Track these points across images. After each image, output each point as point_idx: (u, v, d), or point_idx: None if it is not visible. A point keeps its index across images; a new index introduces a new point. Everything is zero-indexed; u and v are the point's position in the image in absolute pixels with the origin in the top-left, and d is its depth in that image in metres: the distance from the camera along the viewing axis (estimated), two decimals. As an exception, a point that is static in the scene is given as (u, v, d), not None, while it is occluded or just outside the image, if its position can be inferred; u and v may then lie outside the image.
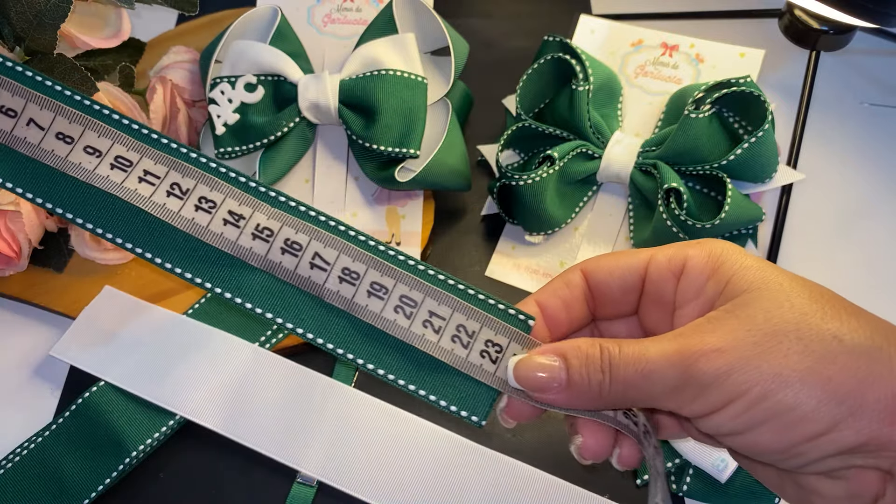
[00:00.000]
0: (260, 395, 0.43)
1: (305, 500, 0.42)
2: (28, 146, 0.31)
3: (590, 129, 0.49)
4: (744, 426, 0.24)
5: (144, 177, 0.31)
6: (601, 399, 0.26)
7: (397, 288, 0.29)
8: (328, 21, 0.53)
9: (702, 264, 0.26)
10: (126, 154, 0.31)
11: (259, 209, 0.30)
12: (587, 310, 0.29)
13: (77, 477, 0.41)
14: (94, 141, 0.31)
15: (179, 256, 0.30)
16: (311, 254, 0.30)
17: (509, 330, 0.28)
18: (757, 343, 0.23)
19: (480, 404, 0.28)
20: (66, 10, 0.44)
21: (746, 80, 0.47)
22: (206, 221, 0.30)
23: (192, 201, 0.30)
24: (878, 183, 0.55)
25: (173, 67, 0.52)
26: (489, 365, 0.28)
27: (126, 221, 0.30)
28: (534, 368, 0.27)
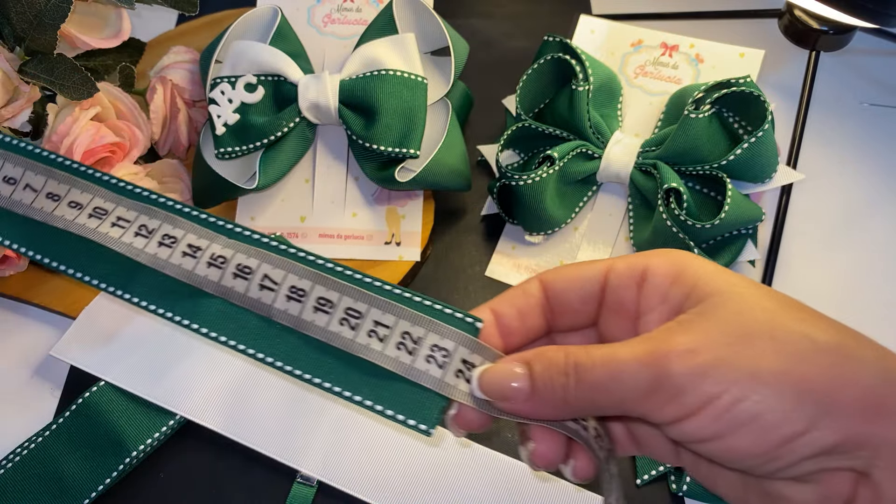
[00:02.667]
0: (260, 394, 0.43)
1: (305, 500, 0.42)
2: (21, 206, 0.36)
3: (590, 129, 0.49)
4: (721, 430, 0.23)
5: (117, 222, 0.34)
6: (567, 405, 0.25)
7: (343, 301, 0.30)
8: (328, 21, 0.53)
9: (664, 270, 0.26)
10: (103, 205, 0.35)
11: (215, 240, 0.33)
12: (543, 321, 0.28)
13: (77, 477, 0.41)
14: (77, 196, 0.35)
15: (143, 290, 0.33)
16: (260, 276, 0.31)
17: (456, 334, 0.28)
18: (731, 344, 0.23)
19: (429, 412, 0.28)
20: (67, 10, 0.44)
21: (746, 81, 0.47)
22: (167, 255, 0.33)
23: (156, 239, 0.33)
24: (878, 183, 0.55)
25: (173, 67, 0.52)
26: (436, 370, 0.28)
27: (96, 261, 0.34)
28: (498, 377, 0.26)
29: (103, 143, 0.46)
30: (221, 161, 0.49)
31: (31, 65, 0.46)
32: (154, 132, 0.50)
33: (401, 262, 0.50)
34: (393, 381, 0.28)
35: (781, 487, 0.24)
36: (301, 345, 0.30)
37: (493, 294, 0.51)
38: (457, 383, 0.27)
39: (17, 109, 0.46)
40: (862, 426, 0.22)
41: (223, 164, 0.50)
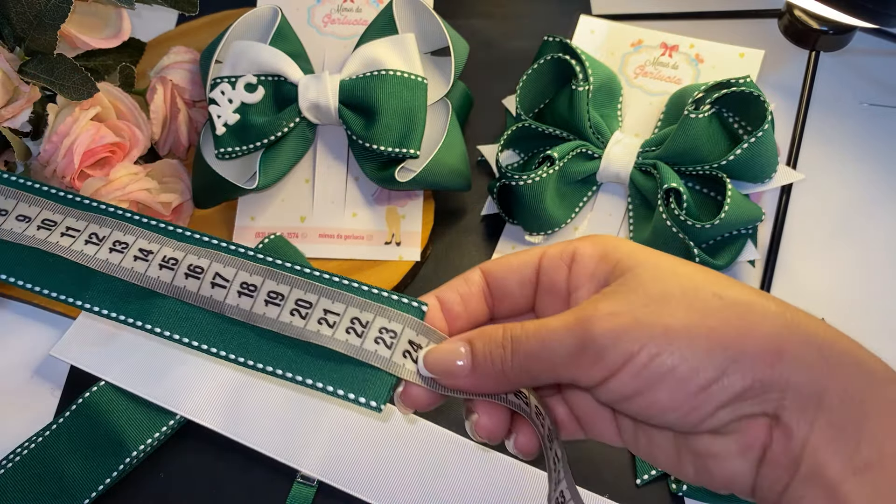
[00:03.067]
0: (260, 394, 0.43)
1: (305, 500, 0.42)
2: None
3: (590, 129, 0.49)
4: (641, 386, 0.24)
5: (66, 231, 0.35)
6: (505, 377, 0.27)
7: (293, 293, 0.31)
8: (328, 21, 0.53)
9: (591, 251, 0.28)
10: (52, 216, 0.36)
11: (166, 244, 0.34)
12: (485, 306, 0.30)
13: (77, 477, 0.41)
14: (25, 210, 0.37)
15: (96, 296, 0.34)
16: (211, 274, 0.33)
17: (403, 317, 0.30)
18: (647, 305, 0.25)
19: (378, 390, 0.29)
20: (67, 10, 0.44)
21: (746, 81, 0.47)
22: (119, 260, 0.34)
23: (107, 245, 0.34)
24: (878, 183, 0.55)
25: (174, 68, 0.52)
26: (384, 350, 0.29)
27: (48, 272, 0.35)
28: (442, 355, 0.28)
29: (103, 143, 0.46)
30: (221, 161, 0.49)
31: (31, 65, 0.46)
32: (154, 132, 0.50)
33: (401, 262, 0.50)
34: (343, 364, 0.30)
35: (707, 444, 0.25)
36: (253, 337, 0.31)
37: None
38: (404, 363, 0.29)
39: (17, 110, 0.46)
40: (766, 370, 0.24)
41: (223, 164, 0.50)
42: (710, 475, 0.26)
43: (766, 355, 0.24)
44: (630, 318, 0.25)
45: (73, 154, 0.45)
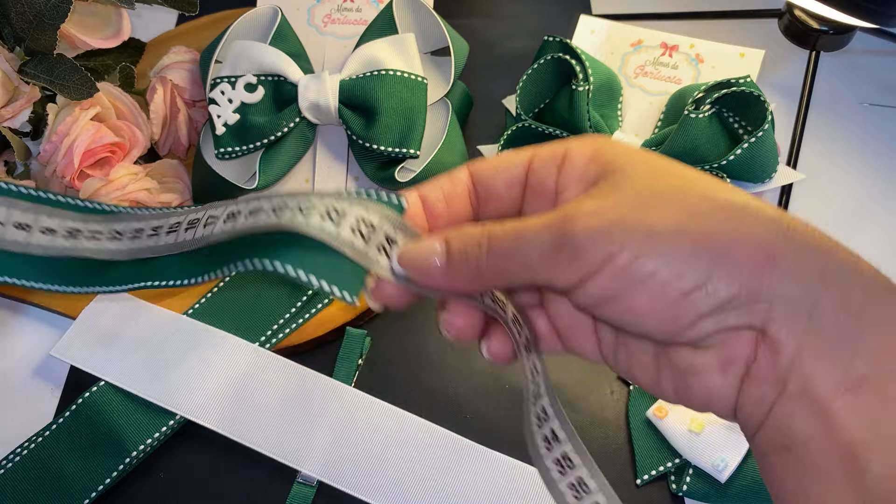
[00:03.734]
0: (260, 395, 0.43)
1: (305, 500, 0.42)
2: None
3: (590, 129, 0.49)
4: (620, 289, 0.23)
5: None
6: (480, 276, 0.26)
7: (267, 203, 0.30)
8: (328, 21, 0.53)
9: (583, 151, 0.26)
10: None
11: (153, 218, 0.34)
12: (469, 206, 0.29)
13: (77, 477, 0.41)
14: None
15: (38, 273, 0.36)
16: (206, 218, 0.32)
17: (381, 210, 0.28)
18: (633, 206, 0.23)
19: (351, 282, 0.28)
20: (66, 10, 0.44)
21: (746, 81, 0.47)
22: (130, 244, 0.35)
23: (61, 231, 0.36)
24: (879, 182, 0.55)
25: (173, 67, 0.52)
26: (360, 242, 0.28)
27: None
28: (417, 253, 0.27)
29: (103, 143, 0.46)
30: (221, 161, 0.49)
31: (30, 65, 0.46)
32: (154, 132, 0.50)
33: (401, 262, 0.50)
34: (317, 254, 0.28)
35: (687, 357, 0.24)
36: (225, 244, 0.31)
37: (493, 294, 0.51)
38: (378, 258, 0.28)
39: (16, 109, 0.46)
40: (756, 279, 0.22)
41: (223, 163, 0.50)
42: (688, 392, 0.25)
43: (756, 262, 0.22)
44: (613, 217, 0.23)
45: (72, 154, 0.45)
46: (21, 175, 0.50)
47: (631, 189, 0.24)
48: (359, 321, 0.49)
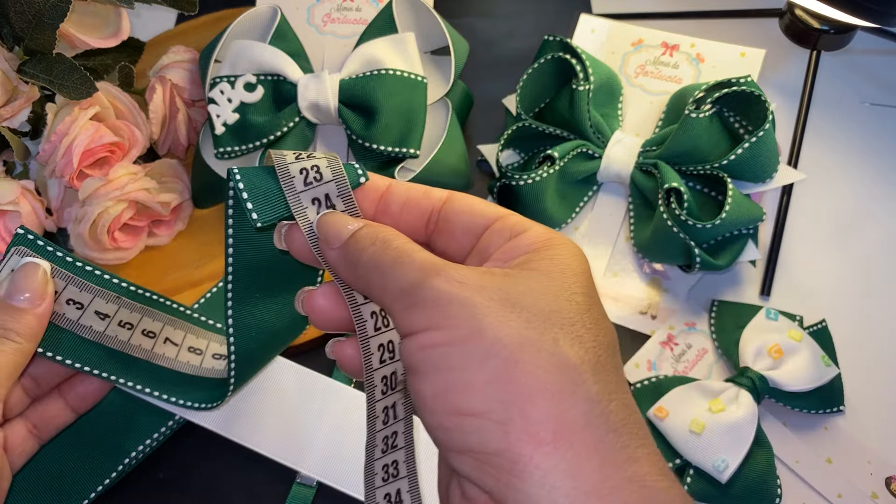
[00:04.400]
0: (259, 395, 0.43)
1: (305, 501, 0.42)
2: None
3: (590, 128, 0.49)
4: (425, 362, 0.22)
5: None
6: (355, 271, 0.26)
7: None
8: (328, 20, 0.53)
9: (535, 237, 0.25)
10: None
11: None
12: (423, 225, 0.28)
13: (77, 477, 0.41)
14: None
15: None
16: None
17: (338, 172, 0.28)
18: (498, 298, 0.22)
19: (273, 214, 0.28)
20: (66, 9, 0.44)
21: (747, 80, 0.47)
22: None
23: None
24: (879, 182, 0.55)
25: (173, 67, 0.52)
26: (300, 184, 0.28)
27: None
28: (336, 220, 0.27)
29: (102, 142, 0.46)
30: (221, 160, 0.49)
31: (29, 64, 0.45)
32: (153, 132, 0.50)
33: (401, 262, 0.50)
34: (261, 174, 0.28)
35: (456, 483, 0.23)
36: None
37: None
38: (309, 206, 0.28)
39: (15, 109, 0.46)
40: (530, 447, 0.21)
41: (222, 163, 0.50)
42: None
43: (540, 436, 0.21)
44: (469, 294, 0.22)
45: (71, 154, 0.45)
46: (20, 175, 0.50)
47: (514, 283, 0.23)
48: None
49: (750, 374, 0.43)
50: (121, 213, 0.47)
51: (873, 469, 0.43)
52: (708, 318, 0.48)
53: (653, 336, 0.48)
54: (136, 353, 0.37)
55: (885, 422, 0.45)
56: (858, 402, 0.46)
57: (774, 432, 0.44)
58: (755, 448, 0.42)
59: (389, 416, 0.28)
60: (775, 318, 0.46)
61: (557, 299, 0.23)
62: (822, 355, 0.44)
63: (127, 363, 0.38)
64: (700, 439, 0.41)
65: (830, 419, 0.45)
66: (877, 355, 0.48)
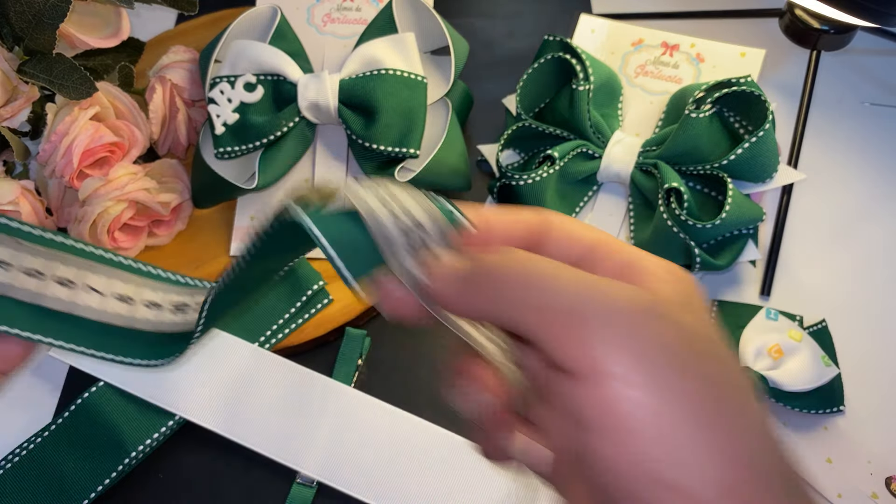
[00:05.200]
0: (259, 395, 0.43)
1: (305, 501, 0.42)
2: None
3: (590, 128, 0.49)
4: (613, 420, 0.19)
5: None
6: (482, 291, 0.22)
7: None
8: (328, 20, 0.53)
9: (660, 281, 0.22)
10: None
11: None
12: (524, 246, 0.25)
13: (77, 477, 0.41)
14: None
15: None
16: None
17: (436, 214, 0.26)
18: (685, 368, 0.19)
19: (364, 264, 0.25)
20: (65, 9, 0.44)
21: (747, 80, 0.47)
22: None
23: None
24: (879, 182, 0.55)
25: (173, 67, 0.52)
26: (391, 225, 0.25)
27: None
28: (445, 262, 0.24)
29: (102, 142, 0.46)
30: (221, 161, 0.49)
31: (29, 64, 0.46)
32: (153, 132, 0.50)
33: (401, 262, 0.50)
34: (342, 221, 0.25)
35: None
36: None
37: (494, 294, 0.50)
38: (406, 255, 0.25)
39: (15, 109, 0.46)
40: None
41: (222, 163, 0.50)
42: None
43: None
44: (674, 341, 0.19)
45: (71, 154, 0.45)
46: (20, 175, 0.50)
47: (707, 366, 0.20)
48: (359, 321, 0.49)
49: (750, 375, 0.43)
50: (121, 213, 0.47)
51: (873, 469, 0.43)
52: (708, 318, 0.48)
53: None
54: (52, 305, 0.33)
55: (885, 422, 0.45)
56: (858, 403, 0.46)
57: (774, 432, 0.44)
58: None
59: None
60: (775, 318, 0.46)
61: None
62: (822, 355, 0.44)
63: (42, 317, 0.34)
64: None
65: (830, 419, 0.45)
66: (877, 355, 0.48)
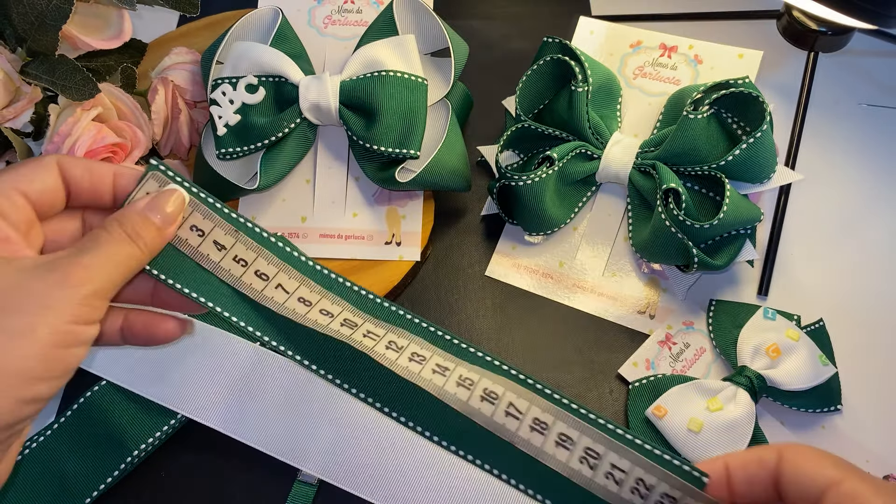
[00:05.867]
0: (261, 393, 0.43)
1: (306, 499, 0.42)
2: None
3: (589, 129, 0.50)
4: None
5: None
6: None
7: (582, 440, 0.33)
8: (329, 22, 0.54)
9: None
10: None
11: (460, 365, 0.35)
12: (773, 492, 0.28)
13: (78, 476, 0.42)
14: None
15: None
16: (506, 403, 0.34)
17: (685, 486, 0.30)
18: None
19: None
20: (68, 11, 0.44)
21: (745, 81, 0.48)
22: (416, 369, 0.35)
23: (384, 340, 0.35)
24: (877, 183, 0.55)
25: (175, 68, 0.52)
26: (613, 486, 0.31)
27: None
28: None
29: (105, 143, 0.46)
30: (223, 161, 0.50)
31: (32, 66, 0.46)
32: (155, 133, 0.51)
33: (401, 262, 0.50)
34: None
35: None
36: (545, 475, 0.33)
37: (493, 293, 0.51)
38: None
39: (18, 110, 0.47)
40: None
41: (224, 164, 0.50)
42: None
43: None
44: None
45: (74, 154, 0.46)
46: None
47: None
48: (359, 321, 0.49)
49: (748, 373, 0.43)
50: (123, 213, 0.47)
51: (871, 468, 0.44)
52: (706, 317, 0.48)
53: (651, 335, 0.48)
54: (245, 291, 0.36)
55: (882, 421, 0.45)
56: (856, 402, 0.46)
57: (772, 431, 0.44)
58: (753, 446, 0.42)
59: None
60: (773, 318, 0.46)
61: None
62: (819, 354, 0.45)
63: (235, 300, 0.37)
64: (698, 438, 0.42)
65: (828, 418, 0.45)
66: (874, 355, 0.48)
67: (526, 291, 0.51)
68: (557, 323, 0.50)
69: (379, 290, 0.49)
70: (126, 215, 0.33)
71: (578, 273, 0.51)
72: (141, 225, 0.33)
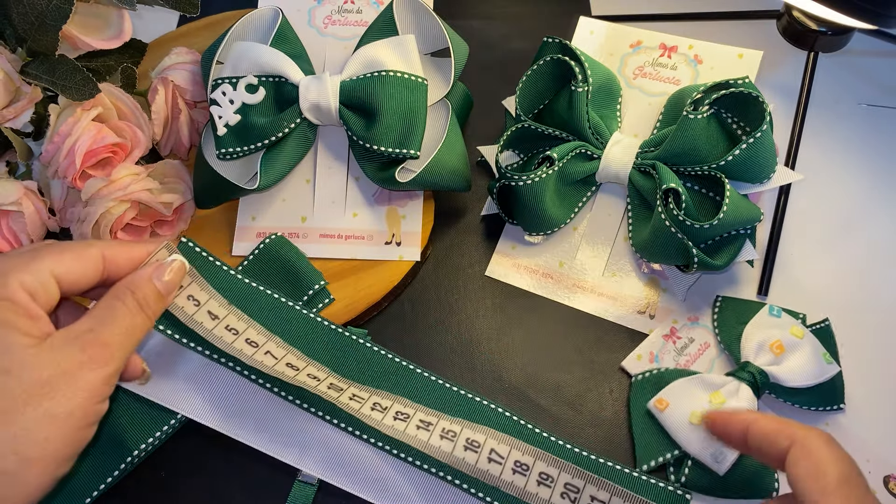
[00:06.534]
0: (261, 393, 0.43)
1: (306, 499, 0.42)
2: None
3: (589, 129, 0.50)
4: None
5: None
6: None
7: (561, 476, 0.37)
8: (329, 22, 0.54)
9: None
10: (316, 373, 0.42)
11: (442, 418, 0.40)
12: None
13: (79, 475, 0.42)
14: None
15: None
16: (488, 450, 0.38)
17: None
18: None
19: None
20: (68, 11, 0.44)
21: (745, 81, 0.48)
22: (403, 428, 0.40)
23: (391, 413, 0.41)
24: (876, 183, 0.55)
25: (175, 68, 0.52)
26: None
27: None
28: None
29: (105, 143, 0.46)
30: (223, 161, 0.50)
31: (32, 66, 0.46)
32: (156, 133, 0.51)
33: (401, 262, 0.50)
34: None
35: None
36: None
37: (493, 293, 0.51)
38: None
39: (18, 110, 0.47)
40: None
41: (224, 164, 0.50)
42: None
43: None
44: None
45: (74, 154, 0.46)
46: (23, 175, 0.50)
47: None
48: (359, 320, 0.49)
49: (751, 369, 0.43)
50: (123, 213, 0.47)
51: (872, 468, 0.44)
52: (711, 312, 0.48)
53: (656, 329, 0.48)
54: (236, 356, 0.40)
55: (884, 421, 0.45)
56: (860, 401, 0.46)
57: (772, 430, 0.44)
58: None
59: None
60: (778, 315, 0.46)
61: None
62: (823, 353, 0.45)
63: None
64: (699, 431, 0.42)
65: (831, 417, 0.45)
66: (877, 354, 0.48)
67: (526, 291, 0.51)
68: (557, 323, 0.50)
69: (379, 290, 0.49)
70: (136, 283, 0.36)
71: (578, 273, 0.51)
72: (148, 291, 0.36)
